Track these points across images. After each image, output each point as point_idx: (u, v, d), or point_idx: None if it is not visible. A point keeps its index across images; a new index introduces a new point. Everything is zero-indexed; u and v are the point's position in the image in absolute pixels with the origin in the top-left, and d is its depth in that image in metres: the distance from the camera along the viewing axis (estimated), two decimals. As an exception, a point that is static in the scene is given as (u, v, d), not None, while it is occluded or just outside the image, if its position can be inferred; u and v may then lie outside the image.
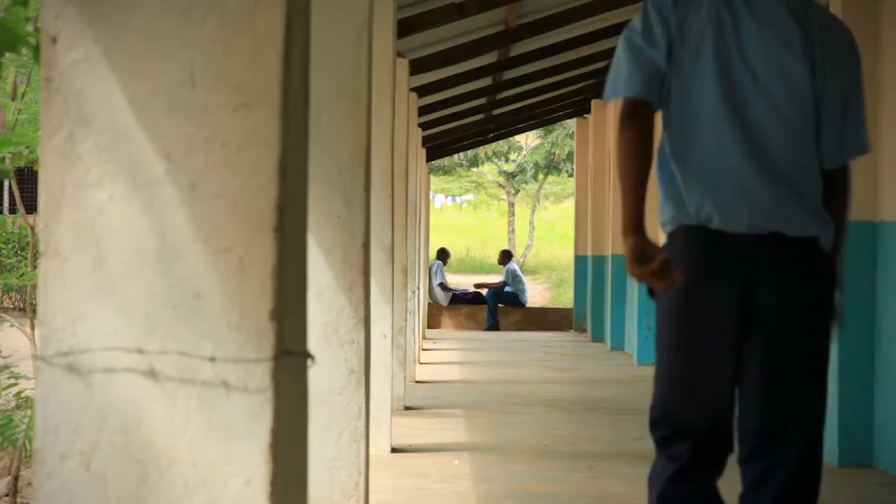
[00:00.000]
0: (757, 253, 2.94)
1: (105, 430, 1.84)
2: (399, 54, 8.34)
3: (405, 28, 8.61)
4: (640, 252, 2.87)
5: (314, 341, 4.07)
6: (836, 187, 3.07)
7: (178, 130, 1.84)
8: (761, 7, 3.02)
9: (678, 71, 2.99)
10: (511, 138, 32.49)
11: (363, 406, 4.11)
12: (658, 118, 3.02)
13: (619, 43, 3.04)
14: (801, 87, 2.99)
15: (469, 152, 33.08)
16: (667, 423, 3.03)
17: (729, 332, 2.94)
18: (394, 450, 6.64)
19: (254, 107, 1.84)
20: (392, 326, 6.54)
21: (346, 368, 4.09)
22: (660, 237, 3.11)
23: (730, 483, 3.11)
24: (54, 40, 1.87)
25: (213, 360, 1.83)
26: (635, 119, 2.93)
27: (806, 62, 3.00)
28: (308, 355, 2.01)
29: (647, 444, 3.34)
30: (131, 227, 1.85)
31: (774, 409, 2.97)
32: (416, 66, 10.33)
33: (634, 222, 2.90)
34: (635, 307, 13.25)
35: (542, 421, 8.33)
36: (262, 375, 1.83)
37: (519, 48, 12.07)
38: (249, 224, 1.83)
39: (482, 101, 15.14)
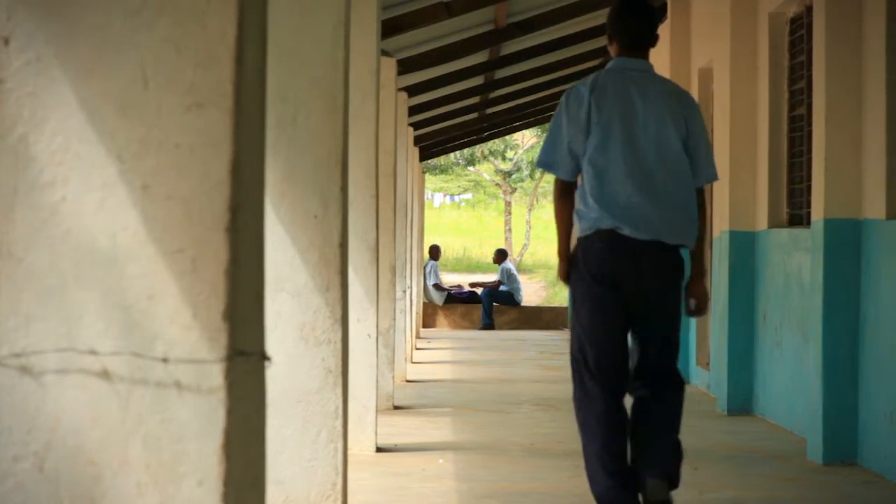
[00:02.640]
0: (645, 251, 4.46)
1: (58, 430, 1.84)
2: (386, 54, 8.33)
3: (392, 27, 8.60)
4: (566, 271, 4.63)
5: (291, 341, 4.07)
6: (698, 202, 4.64)
7: (130, 131, 1.84)
8: (649, 92, 4.54)
9: (593, 137, 4.49)
10: (508, 136, 32.49)
11: (340, 406, 4.11)
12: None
13: (553, 119, 4.68)
14: (678, 144, 4.53)
15: (465, 151, 33.07)
16: (582, 362, 4.55)
17: (621, 301, 4.50)
18: (379, 449, 6.61)
19: (206, 107, 1.84)
20: (377, 326, 6.52)
21: (322, 368, 4.09)
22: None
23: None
24: (6, 41, 1.87)
25: (165, 360, 1.83)
26: (566, 196, 4.59)
27: (680, 127, 4.55)
28: (264, 356, 2.01)
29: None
30: (84, 229, 1.85)
31: (648, 348, 4.57)
32: (406, 66, 10.32)
33: (563, 252, 4.60)
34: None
35: (531, 420, 8.33)
36: (215, 376, 1.82)
37: (510, 47, 12.07)
38: (202, 225, 1.83)
39: (475, 99, 15.13)
